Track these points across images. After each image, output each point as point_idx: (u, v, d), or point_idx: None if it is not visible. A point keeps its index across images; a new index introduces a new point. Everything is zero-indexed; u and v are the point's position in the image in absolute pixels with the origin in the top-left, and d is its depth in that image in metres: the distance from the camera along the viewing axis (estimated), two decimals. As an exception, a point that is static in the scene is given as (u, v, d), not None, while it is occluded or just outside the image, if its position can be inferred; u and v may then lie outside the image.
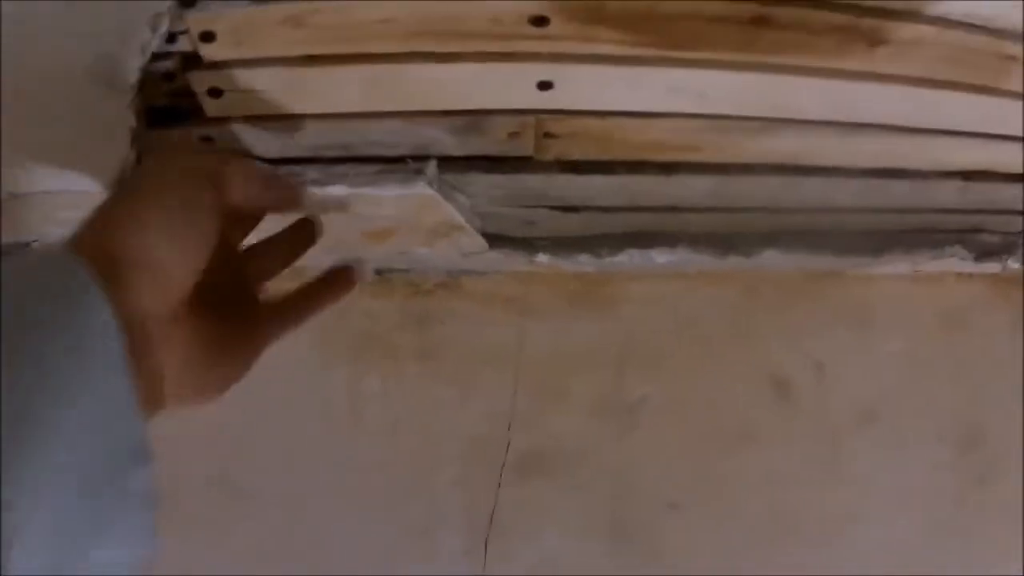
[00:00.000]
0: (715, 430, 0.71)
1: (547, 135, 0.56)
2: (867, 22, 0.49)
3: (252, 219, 0.50)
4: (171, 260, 0.38)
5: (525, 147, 0.57)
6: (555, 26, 0.47)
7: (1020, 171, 0.65)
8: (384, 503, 0.70)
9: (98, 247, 0.36)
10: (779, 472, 0.72)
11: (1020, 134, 0.61)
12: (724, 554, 0.71)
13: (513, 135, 0.56)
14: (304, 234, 0.54)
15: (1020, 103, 0.58)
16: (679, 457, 0.71)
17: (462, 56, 0.50)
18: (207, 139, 0.55)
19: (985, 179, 0.64)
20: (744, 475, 0.72)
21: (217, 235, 0.41)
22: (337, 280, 0.52)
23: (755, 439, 0.71)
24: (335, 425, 0.68)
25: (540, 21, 0.47)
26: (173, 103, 0.53)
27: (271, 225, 0.51)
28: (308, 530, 0.69)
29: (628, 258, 0.63)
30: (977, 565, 0.75)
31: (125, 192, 0.41)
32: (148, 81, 0.51)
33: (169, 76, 0.51)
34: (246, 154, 0.56)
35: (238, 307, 0.46)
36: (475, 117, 0.54)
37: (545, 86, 0.51)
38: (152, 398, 0.38)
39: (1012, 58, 0.54)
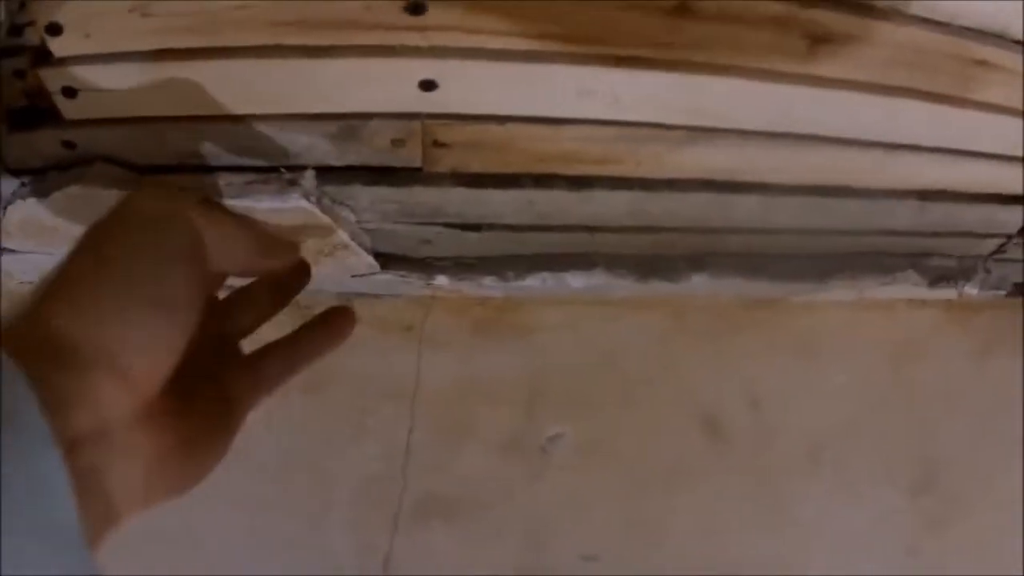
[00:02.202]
0: (638, 473, 0.64)
1: (437, 144, 0.49)
2: (807, 14, 0.43)
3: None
4: (139, 349, 0.30)
5: (412, 157, 0.50)
6: (433, 15, 0.41)
7: (983, 191, 0.59)
8: (273, 546, 0.64)
9: (39, 340, 0.28)
10: (711, 520, 0.66)
11: (987, 149, 0.55)
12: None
13: (397, 143, 0.49)
14: (293, 277, 0.45)
15: (988, 116, 0.51)
16: (597, 503, 0.64)
17: (333, 51, 0.44)
18: (69, 144, 0.50)
19: (943, 199, 0.58)
20: (671, 523, 0.65)
21: (198, 315, 0.33)
22: (336, 323, 0.45)
23: (683, 483, 0.65)
24: (223, 464, 0.60)
25: (416, 9, 0.41)
26: (32, 103, 0.48)
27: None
28: (196, 572, 0.63)
29: (539, 282, 0.56)
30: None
31: (77, 263, 0.31)
32: (0, 79, 0.46)
33: (20, 73, 0.47)
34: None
35: (216, 382, 0.38)
36: (351, 122, 0.48)
37: (428, 86, 0.45)
38: (110, 518, 0.31)
39: (980, 63, 0.48)
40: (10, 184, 0.51)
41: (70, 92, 0.45)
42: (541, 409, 0.63)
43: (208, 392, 0.37)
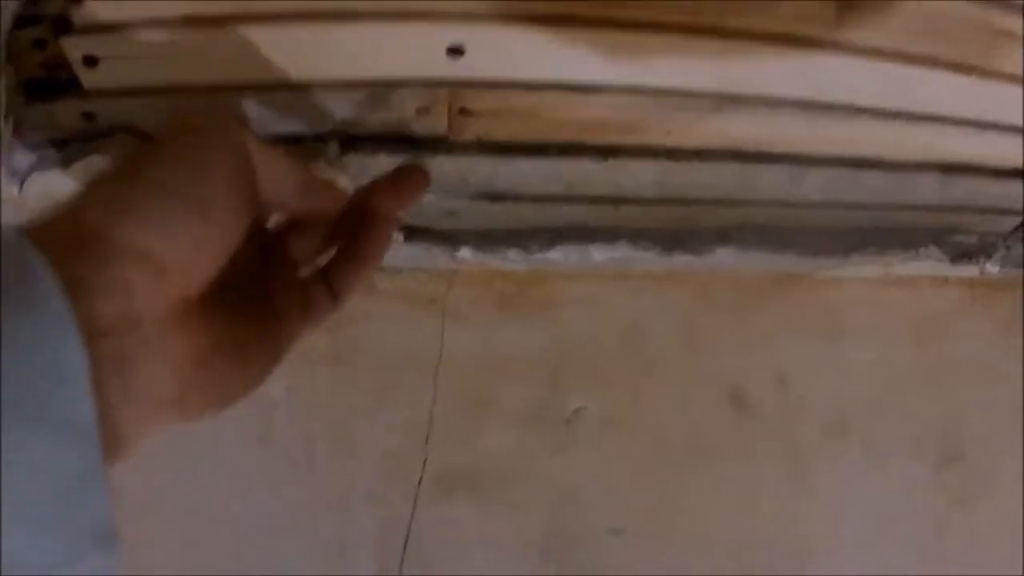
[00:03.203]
0: (663, 447, 0.64)
1: (463, 111, 0.49)
2: (836, -20, 0.43)
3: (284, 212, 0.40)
4: (174, 257, 0.29)
5: (438, 125, 0.49)
6: (462, -22, 0.40)
7: (1008, 166, 0.58)
8: (294, 520, 0.63)
9: (71, 229, 0.27)
10: (737, 494, 0.65)
11: (1012, 122, 0.54)
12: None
13: (422, 111, 0.48)
14: (395, 195, 0.41)
15: (1012, 87, 0.51)
16: (622, 477, 0.63)
17: (359, 16, 0.43)
18: (89, 115, 0.49)
19: (966, 173, 0.58)
20: (696, 497, 0.64)
21: (242, 228, 0.32)
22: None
23: (709, 457, 0.64)
24: (240, 436, 0.60)
25: (445, -28, 0.40)
26: (50, 75, 0.48)
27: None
28: (213, 550, 0.62)
29: (563, 255, 0.55)
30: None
31: (120, 164, 0.31)
32: (19, 50, 0.46)
33: (40, 43, 0.46)
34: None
35: (266, 301, 0.37)
36: (377, 89, 0.48)
37: (455, 52, 0.44)
38: (138, 419, 0.29)
39: (1006, 33, 0.48)
40: (29, 157, 0.51)
41: (91, 61, 0.45)
42: (565, 383, 0.62)
43: (256, 309, 0.35)
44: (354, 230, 0.40)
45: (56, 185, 0.51)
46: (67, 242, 0.27)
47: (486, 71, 0.45)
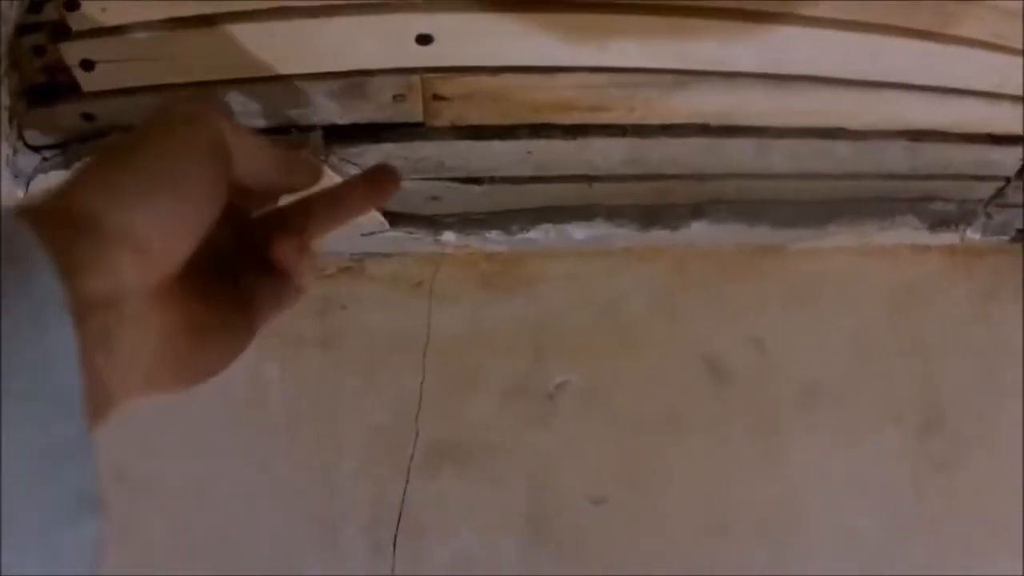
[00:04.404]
0: (643, 417, 0.65)
1: (436, 97, 0.51)
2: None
3: (262, 196, 0.41)
4: (157, 236, 0.31)
5: (414, 111, 0.51)
6: (424, -31, 0.42)
7: (975, 131, 0.60)
8: (288, 496, 0.66)
9: (61, 211, 0.29)
10: (716, 462, 0.66)
11: (973, 87, 0.56)
12: (655, 553, 0.66)
13: (398, 98, 0.50)
14: (364, 191, 0.43)
15: (971, 51, 0.52)
16: (603, 447, 0.65)
17: (333, 10, 0.45)
18: (88, 116, 0.52)
19: (935, 139, 0.59)
20: (676, 466, 0.66)
21: (218, 209, 0.34)
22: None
23: (688, 426, 0.66)
24: (235, 415, 0.63)
25: (407, -36, 0.42)
26: (51, 79, 0.50)
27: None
28: (209, 525, 0.65)
29: (542, 234, 0.57)
30: (943, 564, 0.69)
31: (106, 152, 0.33)
32: (20, 57, 0.48)
33: (39, 50, 0.49)
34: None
35: (239, 284, 0.38)
36: (355, 79, 0.50)
37: (424, 40, 0.47)
38: (115, 391, 0.31)
39: (960, -1, 0.49)
40: (31, 160, 0.53)
41: (88, 65, 0.47)
42: (547, 358, 0.64)
43: (229, 290, 0.37)
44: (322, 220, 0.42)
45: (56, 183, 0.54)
46: (59, 223, 0.29)
47: (455, 57, 0.47)
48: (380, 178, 0.43)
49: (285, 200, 0.42)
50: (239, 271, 0.39)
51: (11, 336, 0.25)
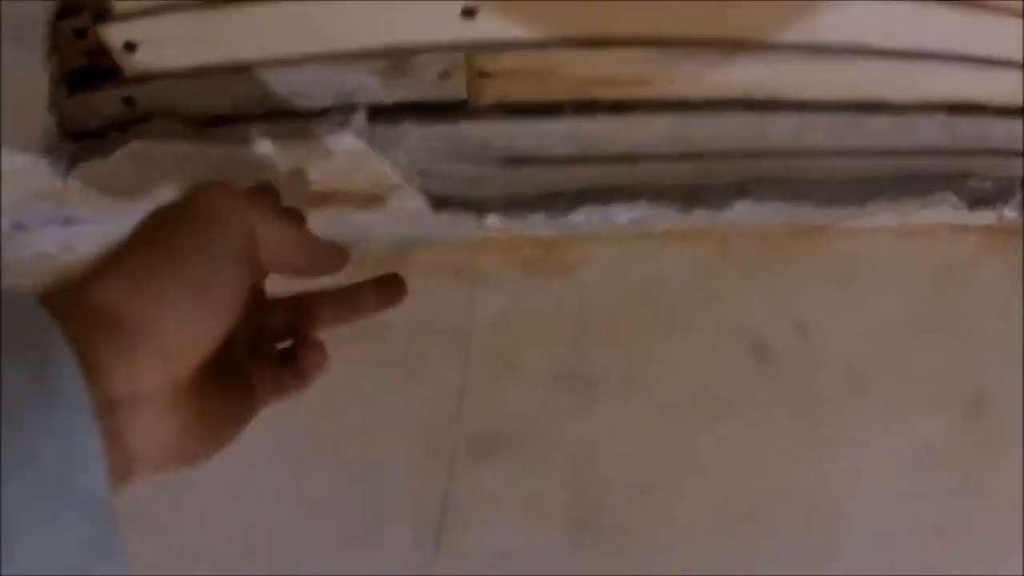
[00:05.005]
0: (687, 403, 0.65)
1: (481, 74, 0.51)
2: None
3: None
4: (183, 333, 0.32)
5: (458, 89, 0.52)
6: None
7: (1011, 104, 0.60)
8: (329, 493, 0.65)
9: (86, 305, 0.30)
10: (760, 450, 0.65)
11: (1012, 57, 0.56)
12: (700, 542, 0.65)
13: (444, 75, 0.51)
14: (373, 297, 0.47)
15: (1006, 19, 0.52)
16: (647, 435, 0.64)
17: None
18: (129, 101, 0.52)
19: (973, 113, 0.59)
20: (720, 453, 0.65)
21: (241, 312, 0.35)
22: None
23: (733, 411, 0.65)
24: (274, 412, 0.62)
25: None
26: (91, 63, 0.51)
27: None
28: (247, 524, 0.64)
29: (584, 217, 0.57)
30: (989, 550, 0.68)
31: (134, 245, 0.33)
32: (61, 41, 0.48)
33: (80, 33, 0.49)
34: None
35: (243, 372, 0.39)
36: (400, 56, 0.50)
37: (469, 13, 0.47)
38: (124, 477, 0.32)
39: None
40: (72, 147, 0.53)
41: (130, 47, 0.48)
42: (589, 344, 0.64)
43: (234, 380, 0.38)
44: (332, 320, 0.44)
45: (99, 174, 0.54)
46: (83, 319, 0.29)
47: (499, 31, 0.48)
48: (390, 284, 0.47)
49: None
50: (245, 360, 0.40)
51: (44, 446, 0.25)
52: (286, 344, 0.44)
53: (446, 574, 0.64)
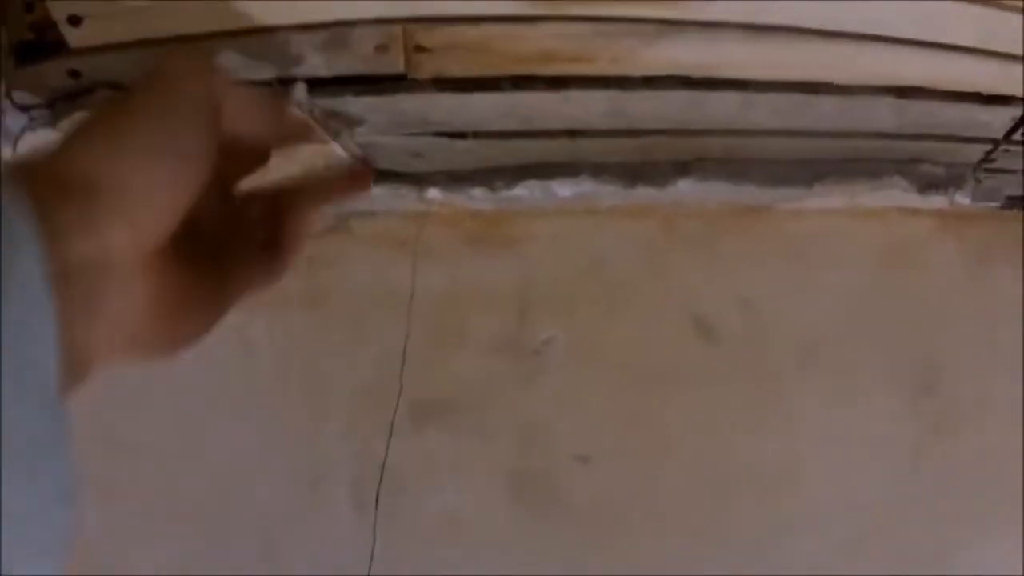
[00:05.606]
0: (630, 375, 0.66)
1: (418, 48, 0.51)
2: None
3: (251, 156, 0.42)
4: (151, 194, 0.31)
5: (395, 63, 0.51)
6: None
7: (962, 89, 0.59)
8: (274, 455, 0.66)
9: (49, 171, 0.29)
10: (704, 421, 0.66)
11: (961, 42, 0.55)
12: (643, 513, 0.65)
13: (380, 49, 0.50)
14: (345, 182, 0.46)
15: (954, 3, 0.52)
16: (589, 405, 0.66)
17: None
18: (75, 73, 0.52)
19: (922, 96, 0.58)
20: (663, 424, 0.66)
21: (211, 167, 0.34)
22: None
23: (675, 385, 0.66)
24: (222, 374, 0.63)
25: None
26: (39, 37, 0.51)
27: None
28: (196, 484, 0.66)
29: (527, 191, 0.57)
30: (940, 528, 0.69)
31: (99, 112, 0.33)
32: (9, 14, 0.49)
33: (29, 7, 0.49)
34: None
35: (219, 259, 0.38)
36: (337, 29, 0.50)
37: (404, -12, 0.46)
38: (94, 353, 0.30)
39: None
40: (19, 119, 0.54)
41: (75, 20, 0.48)
42: (533, 315, 0.64)
43: (209, 264, 0.37)
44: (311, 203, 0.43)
45: (49, 143, 0.54)
46: (49, 184, 0.28)
47: (435, 7, 0.48)
48: (360, 172, 0.47)
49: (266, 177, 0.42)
50: (221, 242, 0.39)
51: None
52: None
53: (386, 537, 0.64)
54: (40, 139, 0.54)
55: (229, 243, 0.39)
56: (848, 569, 0.66)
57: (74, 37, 0.49)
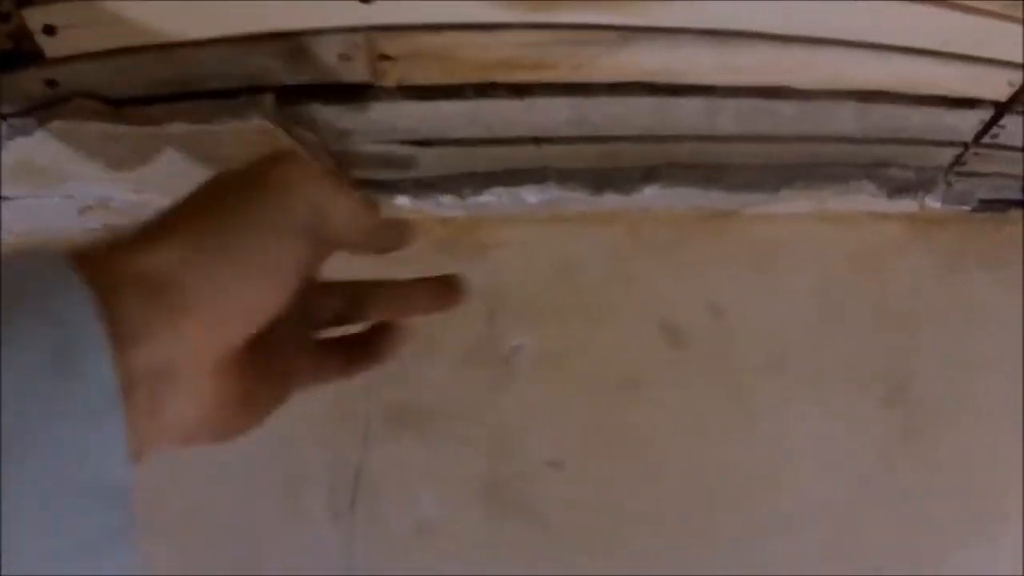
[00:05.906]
0: (601, 381, 0.66)
1: (383, 57, 0.51)
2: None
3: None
4: (235, 304, 0.29)
5: (360, 71, 0.52)
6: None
7: (925, 92, 0.60)
8: (249, 465, 0.66)
9: (128, 270, 0.27)
10: (674, 425, 0.67)
11: (922, 45, 0.56)
12: (616, 517, 0.66)
13: (344, 57, 0.51)
14: (428, 296, 0.42)
15: (913, 6, 0.52)
16: (561, 411, 0.66)
17: None
18: (51, 82, 0.53)
19: (885, 100, 0.59)
20: (634, 430, 0.66)
21: (296, 291, 0.31)
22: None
23: (646, 390, 0.66)
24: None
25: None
26: (16, 47, 0.51)
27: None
28: (167, 494, 0.65)
29: (495, 197, 0.58)
30: (916, 529, 0.69)
31: (192, 207, 0.30)
32: None
33: (5, 16, 0.49)
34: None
35: (283, 356, 0.36)
36: (301, 39, 0.50)
37: (366, -1, 0.47)
38: (150, 447, 0.29)
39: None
40: (2, 127, 0.54)
41: (50, 30, 0.48)
42: (503, 322, 0.65)
43: (276, 360, 0.35)
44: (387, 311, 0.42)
45: (25, 154, 0.55)
46: (125, 280, 0.27)
47: (397, 15, 0.48)
48: (449, 284, 0.42)
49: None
50: (291, 338, 0.37)
51: (63, 428, 0.24)
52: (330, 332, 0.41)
53: (363, 545, 0.65)
54: (19, 149, 0.55)
55: (298, 339, 0.38)
56: (821, 571, 0.66)
57: (50, 46, 0.50)
